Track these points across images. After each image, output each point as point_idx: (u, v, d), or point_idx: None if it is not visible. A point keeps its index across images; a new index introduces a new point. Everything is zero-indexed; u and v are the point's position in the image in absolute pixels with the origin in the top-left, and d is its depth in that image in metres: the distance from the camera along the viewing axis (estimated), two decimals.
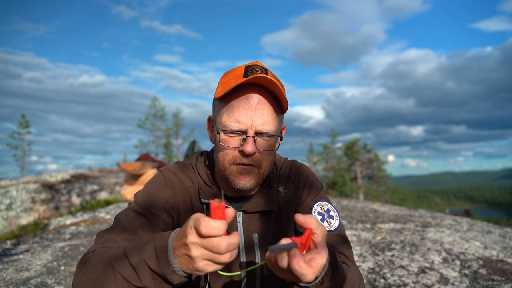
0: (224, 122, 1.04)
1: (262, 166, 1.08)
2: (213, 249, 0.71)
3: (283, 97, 1.04)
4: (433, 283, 2.56)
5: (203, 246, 0.72)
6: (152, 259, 0.78)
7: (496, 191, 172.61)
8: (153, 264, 0.78)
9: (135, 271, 0.79)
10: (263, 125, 1.02)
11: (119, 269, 0.81)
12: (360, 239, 3.88)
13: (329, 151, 35.40)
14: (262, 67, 1.06)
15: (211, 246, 0.71)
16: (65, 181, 13.29)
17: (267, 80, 1.00)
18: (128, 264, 0.80)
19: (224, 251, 0.72)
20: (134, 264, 0.80)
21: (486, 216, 27.63)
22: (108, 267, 0.83)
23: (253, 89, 1.03)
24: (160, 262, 0.77)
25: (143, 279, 0.79)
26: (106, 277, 0.82)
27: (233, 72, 1.08)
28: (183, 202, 1.14)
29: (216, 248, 0.71)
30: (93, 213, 6.47)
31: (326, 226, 1.13)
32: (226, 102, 1.05)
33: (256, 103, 1.02)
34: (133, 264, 0.80)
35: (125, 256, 0.82)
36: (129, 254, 0.82)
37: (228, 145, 1.05)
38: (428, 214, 5.85)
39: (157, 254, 0.78)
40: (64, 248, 3.69)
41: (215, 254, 0.72)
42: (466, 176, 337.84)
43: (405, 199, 35.64)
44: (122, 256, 0.83)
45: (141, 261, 0.79)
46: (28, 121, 31.08)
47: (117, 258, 0.83)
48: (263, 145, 1.05)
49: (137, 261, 0.79)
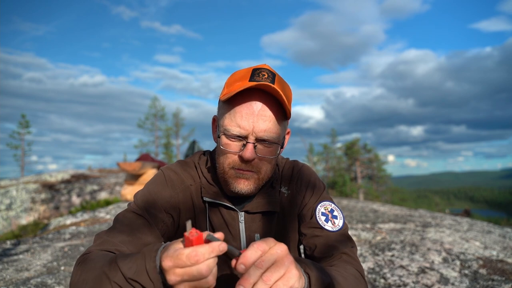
0: (226, 126, 1.04)
1: (262, 172, 1.07)
2: (196, 277, 0.69)
3: (286, 106, 1.02)
4: (433, 283, 2.56)
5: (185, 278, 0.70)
6: (146, 281, 0.76)
7: (496, 191, 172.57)
8: (149, 285, 0.76)
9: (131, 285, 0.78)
10: (264, 132, 1.01)
11: (113, 278, 0.80)
12: (360, 239, 3.89)
13: (329, 151, 35.41)
14: (269, 71, 1.04)
15: (192, 275, 0.69)
16: (65, 181, 13.29)
17: (272, 89, 0.98)
18: (122, 277, 0.79)
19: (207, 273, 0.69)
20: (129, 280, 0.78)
21: (486, 216, 27.60)
22: (103, 275, 0.82)
23: (257, 94, 1.02)
24: (156, 284, 0.75)
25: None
26: (102, 283, 0.82)
27: (240, 74, 1.06)
28: (184, 201, 1.14)
29: (199, 275, 0.69)
30: (93, 213, 6.47)
31: (331, 226, 1.13)
32: (230, 106, 1.04)
33: (259, 110, 1.01)
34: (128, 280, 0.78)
35: (117, 268, 0.80)
36: (122, 267, 0.80)
37: (229, 149, 1.04)
38: (428, 214, 5.85)
39: (149, 276, 0.76)
40: (64, 248, 3.69)
41: (200, 281, 0.70)
42: (466, 176, 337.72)
43: (405, 199, 35.62)
44: (115, 267, 0.81)
45: (135, 282, 0.77)
46: (28, 121, 31.08)
47: (110, 267, 0.82)
48: (263, 152, 1.05)
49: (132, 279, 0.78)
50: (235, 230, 1.14)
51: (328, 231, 1.11)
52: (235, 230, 1.14)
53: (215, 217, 1.15)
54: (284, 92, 1.02)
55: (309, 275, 0.83)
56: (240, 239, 1.14)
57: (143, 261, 0.77)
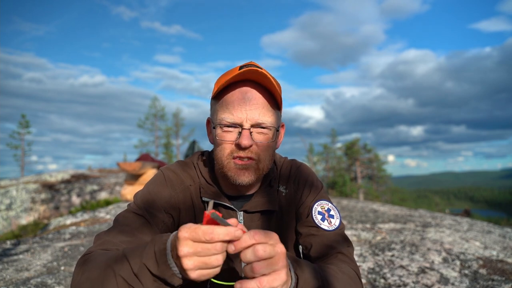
0: (219, 117, 1.05)
1: (261, 160, 1.07)
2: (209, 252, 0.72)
3: (276, 92, 1.04)
4: (433, 283, 2.56)
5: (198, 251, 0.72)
6: (152, 262, 0.78)
7: (496, 191, 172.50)
8: (153, 267, 0.77)
9: (136, 274, 0.79)
10: (258, 116, 1.03)
11: (119, 271, 0.80)
12: (360, 239, 3.89)
13: (329, 151, 35.40)
14: (255, 66, 1.06)
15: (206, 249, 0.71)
16: (65, 181, 13.30)
17: (259, 74, 1.00)
18: (129, 267, 0.80)
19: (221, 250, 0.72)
20: (134, 267, 0.79)
21: (486, 216, 27.61)
22: (108, 269, 0.82)
23: (247, 85, 1.05)
24: (160, 265, 0.77)
25: (144, 282, 0.79)
26: (105, 279, 0.82)
27: (228, 72, 1.10)
28: (184, 201, 1.14)
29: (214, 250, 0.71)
30: (93, 213, 6.47)
31: (327, 226, 1.13)
32: (221, 99, 1.07)
33: (251, 97, 1.03)
34: (134, 267, 0.79)
35: (125, 259, 0.82)
36: (129, 257, 0.81)
37: (225, 139, 1.05)
38: (428, 214, 5.85)
39: (156, 258, 0.77)
40: (64, 248, 3.69)
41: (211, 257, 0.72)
42: (466, 176, 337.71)
43: (405, 199, 35.62)
44: (122, 259, 0.82)
45: (142, 265, 0.79)
46: (28, 121, 31.07)
47: (116, 260, 0.83)
48: (260, 138, 1.06)
49: (137, 264, 0.79)
50: None
51: (324, 230, 1.12)
52: None
53: None
54: (273, 79, 1.05)
55: (298, 277, 0.84)
56: None
57: (152, 245, 0.80)
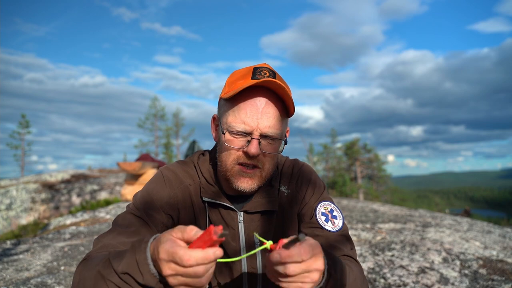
0: (230, 123, 1.04)
1: (265, 169, 1.08)
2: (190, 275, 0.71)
3: (290, 101, 1.04)
4: (433, 283, 2.56)
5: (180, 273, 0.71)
6: (136, 272, 0.77)
7: (496, 191, 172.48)
8: (139, 277, 0.77)
9: (123, 280, 0.78)
10: (268, 128, 1.03)
11: (107, 276, 0.80)
12: (360, 239, 3.88)
13: (329, 151, 35.41)
14: (270, 70, 1.06)
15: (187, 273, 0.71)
16: (65, 181, 13.29)
17: (275, 84, 1.00)
18: (115, 274, 0.79)
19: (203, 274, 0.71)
20: (120, 275, 0.79)
21: (486, 216, 27.61)
22: (98, 275, 0.82)
23: (261, 92, 1.03)
24: (145, 275, 0.76)
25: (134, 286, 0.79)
26: (98, 283, 0.82)
27: (241, 73, 1.08)
28: (183, 200, 1.14)
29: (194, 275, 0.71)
30: (93, 213, 6.47)
31: (331, 227, 1.13)
32: (233, 103, 1.05)
33: (263, 106, 1.02)
34: (120, 275, 0.79)
35: (110, 265, 0.81)
36: (114, 264, 0.80)
37: (233, 145, 1.05)
38: (428, 214, 5.85)
39: (139, 267, 0.76)
40: (64, 248, 3.69)
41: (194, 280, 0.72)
42: (466, 176, 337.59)
43: (405, 199, 35.61)
44: (107, 265, 0.81)
45: (126, 275, 0.78)
46: (28, 121, 31.06)
47: (104, 266, 0.82)
48: (267, 148, 1.06)
49: (122, 272, 0.78)
50: (234, 230, 1.14)
51: (328, 231, 1.12)
52: (234, 230, 1.14)
53: (214, 217, 1.15)
54: (286, 86, 1.04)
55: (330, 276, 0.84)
56: (240, 239, 1.14)
57: (133, 254, 0.78)
